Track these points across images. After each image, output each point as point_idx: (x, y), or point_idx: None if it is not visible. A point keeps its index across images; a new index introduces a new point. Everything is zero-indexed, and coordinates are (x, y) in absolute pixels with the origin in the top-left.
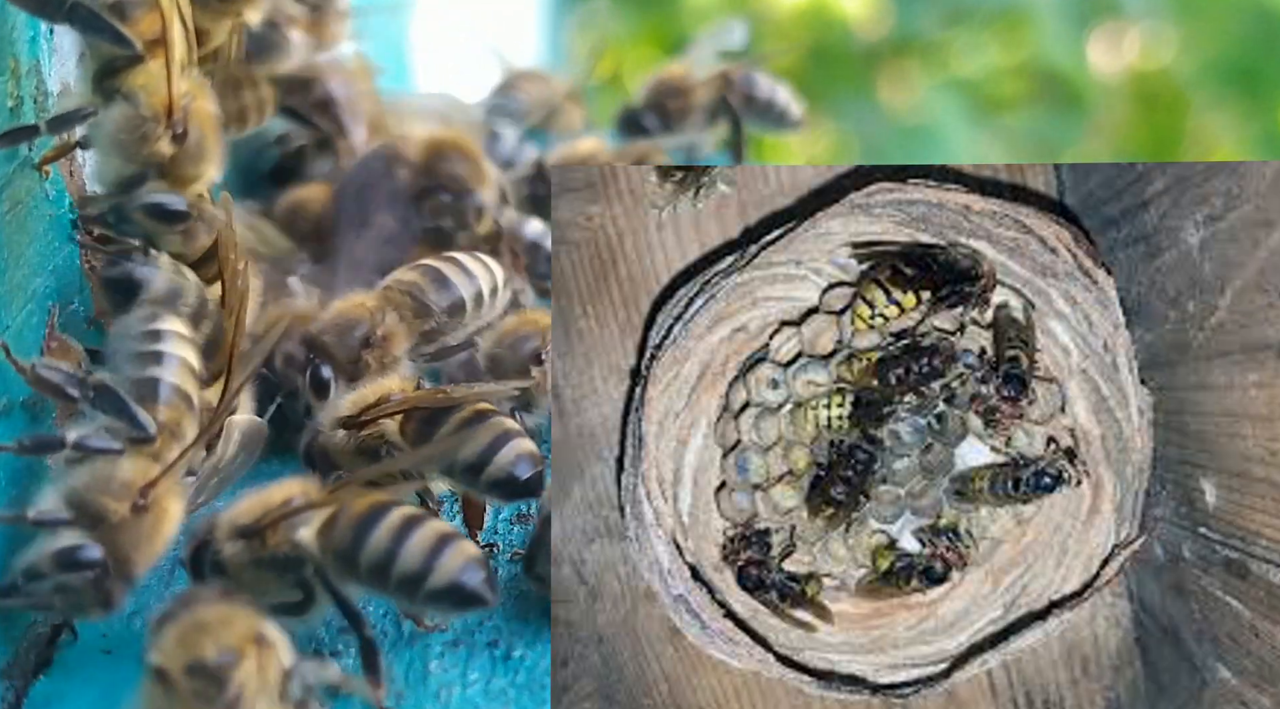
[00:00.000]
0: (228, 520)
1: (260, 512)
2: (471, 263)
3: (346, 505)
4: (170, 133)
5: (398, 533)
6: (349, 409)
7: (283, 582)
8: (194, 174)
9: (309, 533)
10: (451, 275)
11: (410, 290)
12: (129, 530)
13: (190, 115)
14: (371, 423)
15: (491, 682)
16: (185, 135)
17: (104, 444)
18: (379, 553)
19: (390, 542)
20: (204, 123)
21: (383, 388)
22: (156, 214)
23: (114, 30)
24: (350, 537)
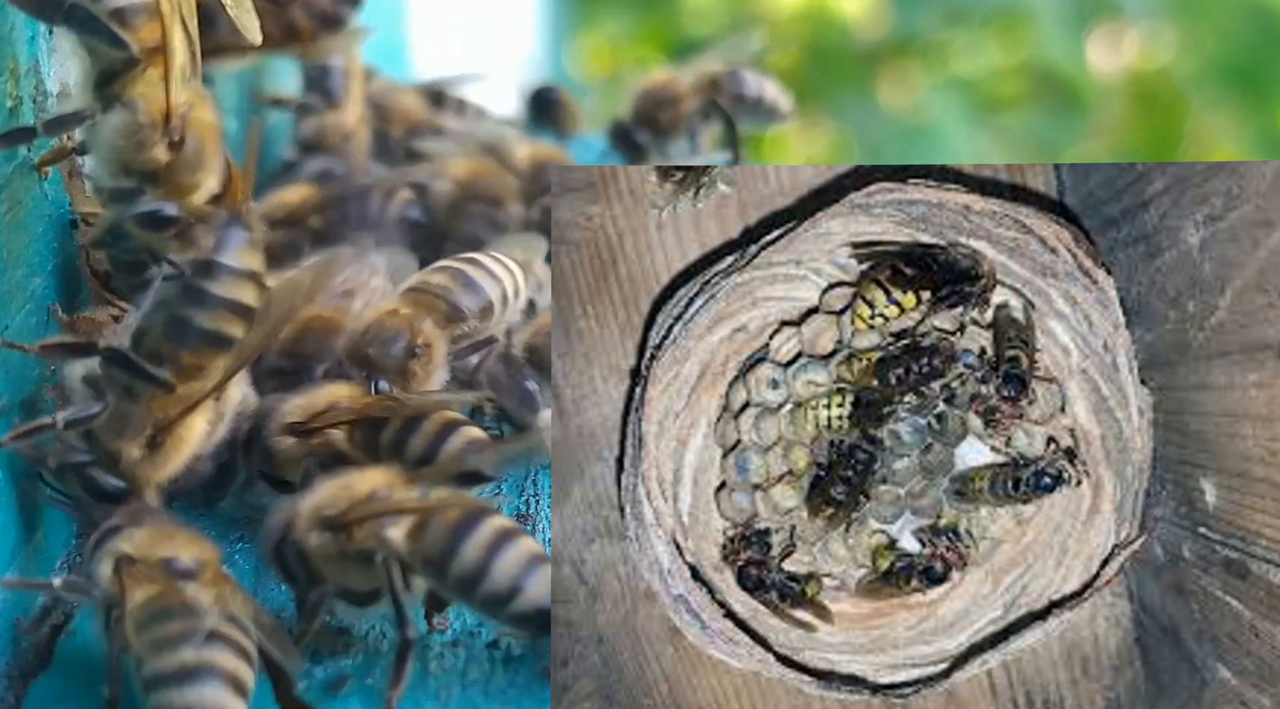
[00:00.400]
0: (311, 510)
1: (345, 503)
2: (493, 264)
3: (440, 511)
4: (167, 140)
5: (490, 548)
6: (298, 414)
7: (364, 575)
8: (190, 183)
9: (399, 534)
10: (478, 278)
11: (440, 294)
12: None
13: (189, 124)
14: (319, 431)
15: (491, 682)
16: (182, 143)
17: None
18: (470, 566)
19: (482, 557)
20: (203, 132)
21: (331, 394)
22: (147, 223)
23: (111, 33)
24: (443, 545)
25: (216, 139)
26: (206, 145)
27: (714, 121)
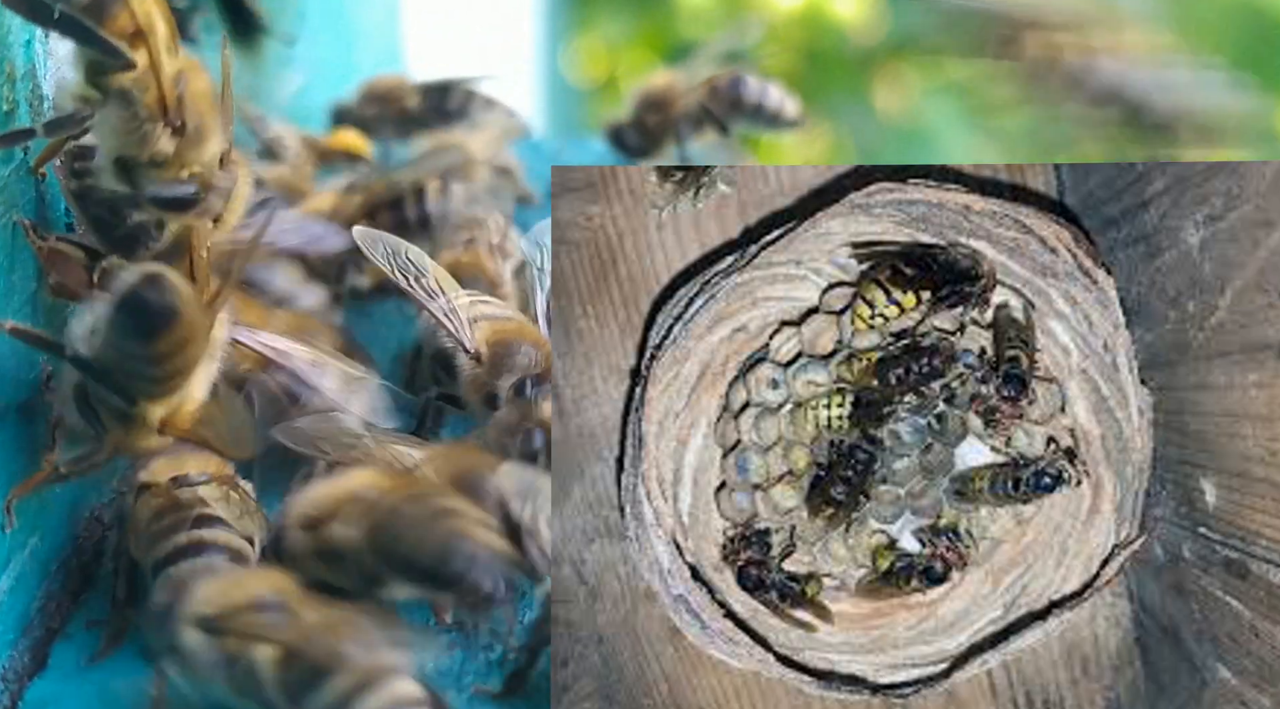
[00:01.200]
0: (298, 509)
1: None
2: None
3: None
4: (169, 129)
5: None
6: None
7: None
8: (196, 157)
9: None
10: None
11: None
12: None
13: (186, 102)
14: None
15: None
16: (184, 126)
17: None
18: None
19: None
20: (201, 103)
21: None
22: (169, 206)
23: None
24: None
25: (215, 104)
26: (207, 116)
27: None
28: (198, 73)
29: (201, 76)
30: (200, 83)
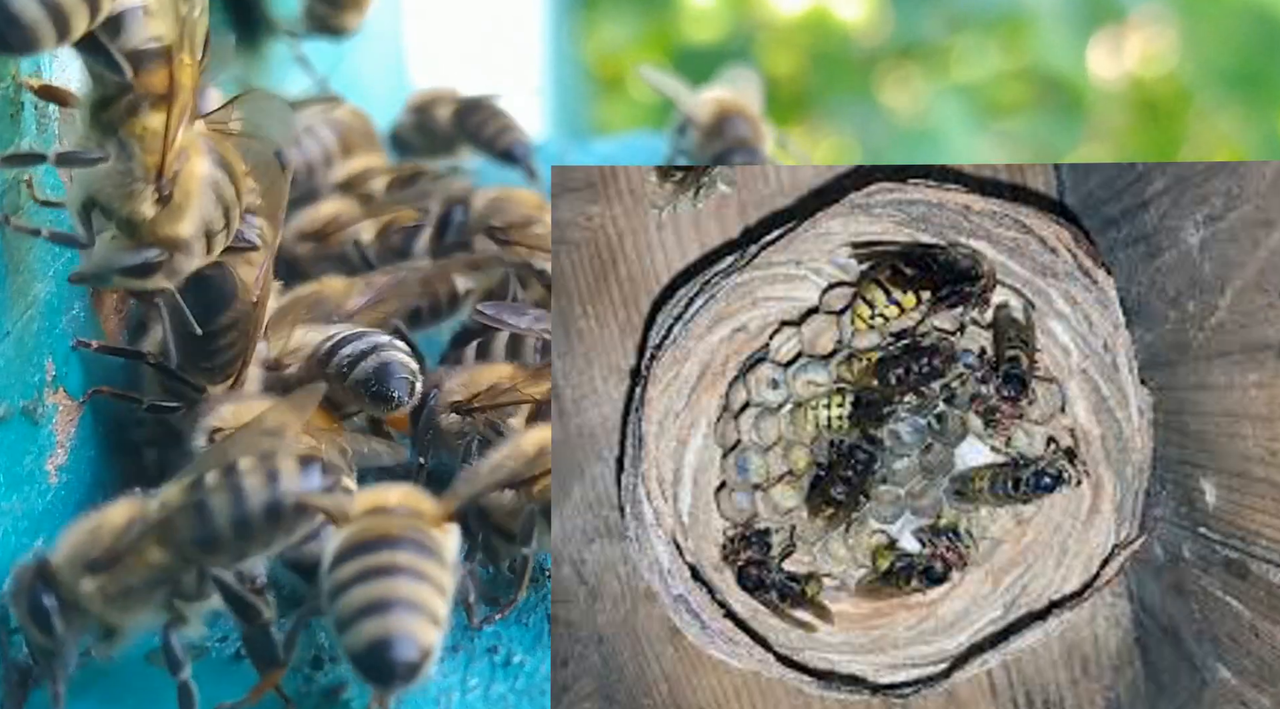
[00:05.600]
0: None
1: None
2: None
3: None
4: (156, 195)
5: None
6: (460, 393)
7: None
8: (164, 233)
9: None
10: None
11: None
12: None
13: (179, 178)
14: (480, 410)
15: (491, 688)
16: (170, 198)
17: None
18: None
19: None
20: (191, 183)
21: (494, 373)
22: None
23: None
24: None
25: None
26: (190, 198)
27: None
28: (199, 154)
29: (202, 160)
30: (198, 165)
